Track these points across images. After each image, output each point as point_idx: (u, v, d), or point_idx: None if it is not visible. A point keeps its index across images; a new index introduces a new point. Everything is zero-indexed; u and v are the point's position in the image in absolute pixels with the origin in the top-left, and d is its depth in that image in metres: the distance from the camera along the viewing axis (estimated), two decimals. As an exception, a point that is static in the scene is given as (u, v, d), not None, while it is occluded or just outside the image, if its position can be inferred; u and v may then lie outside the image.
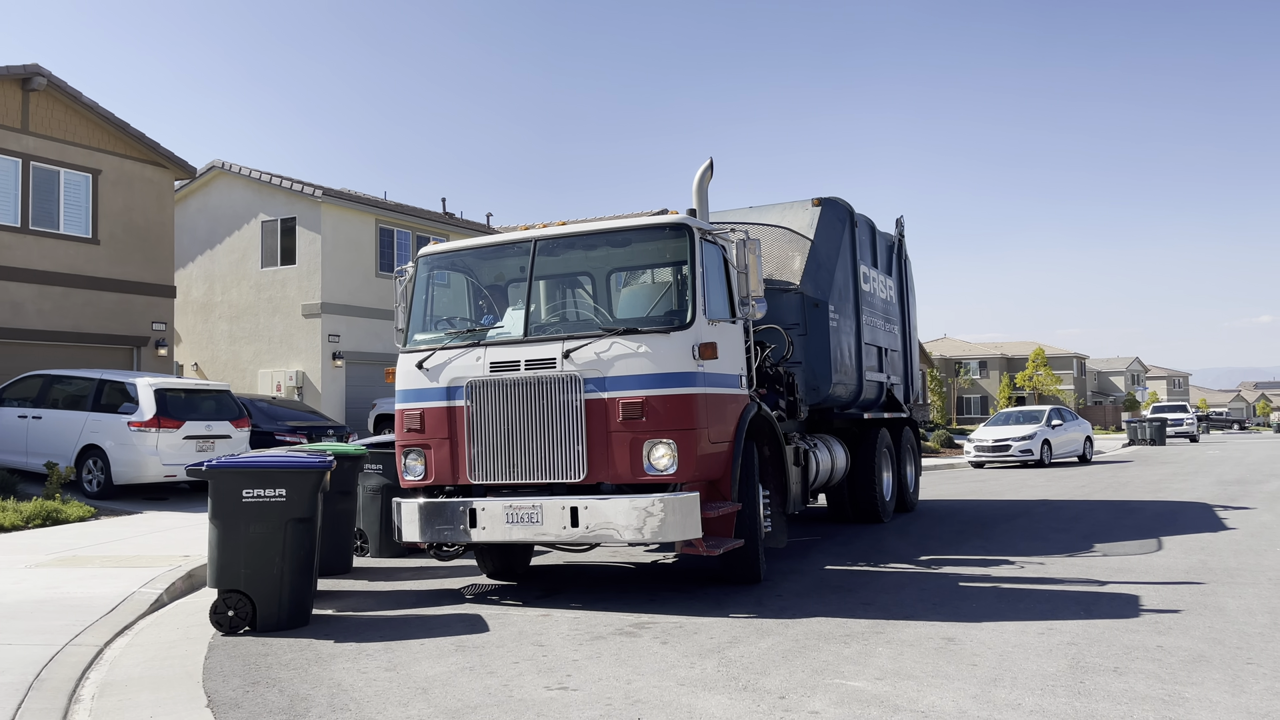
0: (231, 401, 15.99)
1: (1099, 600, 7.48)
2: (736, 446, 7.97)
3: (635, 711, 4.94)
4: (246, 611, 6.93)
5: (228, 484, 6.96)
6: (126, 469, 14.57)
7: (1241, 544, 10.23)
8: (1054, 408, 27.78)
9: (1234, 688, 5.12)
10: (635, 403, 7.42)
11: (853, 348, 12.07)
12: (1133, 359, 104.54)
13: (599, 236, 8.38)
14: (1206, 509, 13.91)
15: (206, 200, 26.68)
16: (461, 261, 8.82)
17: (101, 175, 19.79)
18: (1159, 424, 40.04)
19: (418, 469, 8.09)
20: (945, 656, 5.85)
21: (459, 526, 7.76)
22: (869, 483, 12.49)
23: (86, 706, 5.35)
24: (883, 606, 7.41)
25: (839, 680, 5.40)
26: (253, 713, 5.10)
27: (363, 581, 9.13)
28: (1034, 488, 18.65)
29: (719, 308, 8.12)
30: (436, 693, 5.37)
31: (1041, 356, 72.21)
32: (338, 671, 5.87)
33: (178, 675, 5.88)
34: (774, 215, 12.05)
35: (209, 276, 26.52)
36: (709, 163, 9.26)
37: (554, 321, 8.32)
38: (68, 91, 19.08)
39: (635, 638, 6.55)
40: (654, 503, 7.21)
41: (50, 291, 18.77)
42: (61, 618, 7.07)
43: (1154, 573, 8.64)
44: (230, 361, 25.93)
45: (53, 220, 19.04)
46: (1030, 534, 11.55)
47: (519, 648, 6.35)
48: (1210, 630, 6.39)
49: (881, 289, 13.64)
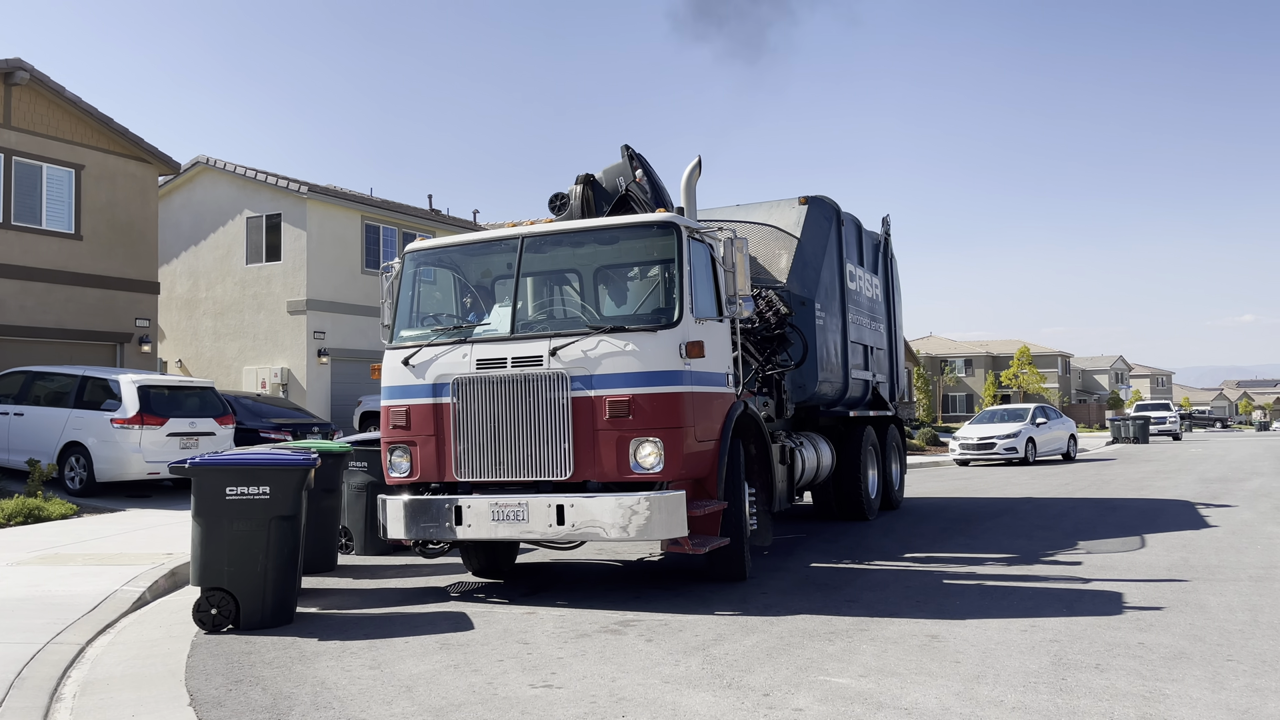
0: (216, 398, 15.90)
1: (1081, 598, 7.53)
2: (723, 445, 7.97)
3: (620, 709, 4.94)
4: (230, 609, 6.90)
5: (211, 481, 6.93)
6: (109, 466, 14.48)
7: (1223, 542, 10.31)
8: (1039, 406, 27.91)
9: (1214, 684, 5.16)
10: (622, 401, 7.42)
11: (839, 346, 12.10)
12: (1117, 357, 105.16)
13: (586, 234, 8.37)
14: (1189, 507, 14.00)
15: (191, 196, 26.53)
16: (448, 258, 8.79)
17: (85, 170, 19.66)
18: (1142, 422, 40.29)
19: (403, 466, 8.07)
20: (929, 654, 5.88)
21: (444, 524, 7.74)
22: (854, 480, 12.52)
23: (68, 705, 5.32)
24: (867, 604, 7.43)
25: (823, 677, 5.42)
26: (235, 711, 5.08)
27: (347, 579, 9.10)
28: (1018, 485, 18.74)
29: (706, 306, 8.12)
30: (421, 691, 5.36)
31: (1026, 355, 72.54)
32: (321, 670, 5.85)
33: (160, 674, 5.85)
34: (761, 214, 12.07)
35: (193, 273, 26.37)
36: (697, 161, 9.27)
37: (541, 319, 8.31)
38: (50, 86, 18.94)
39: (620, 635, 6.55)
40: (640, 501, 7.22)
41: (33, 287, 18.64)
42: (43, 616, 7.02)
43: (1136, 570, 8.70)
44: (215, 358, 25.80)
45: (35, 216, 18.90)
46: (1014, 532, 11.61)
47: (504, 646, 6.35)
48: (1191, 627, 6.44)
49: (867, 287, 13.67)
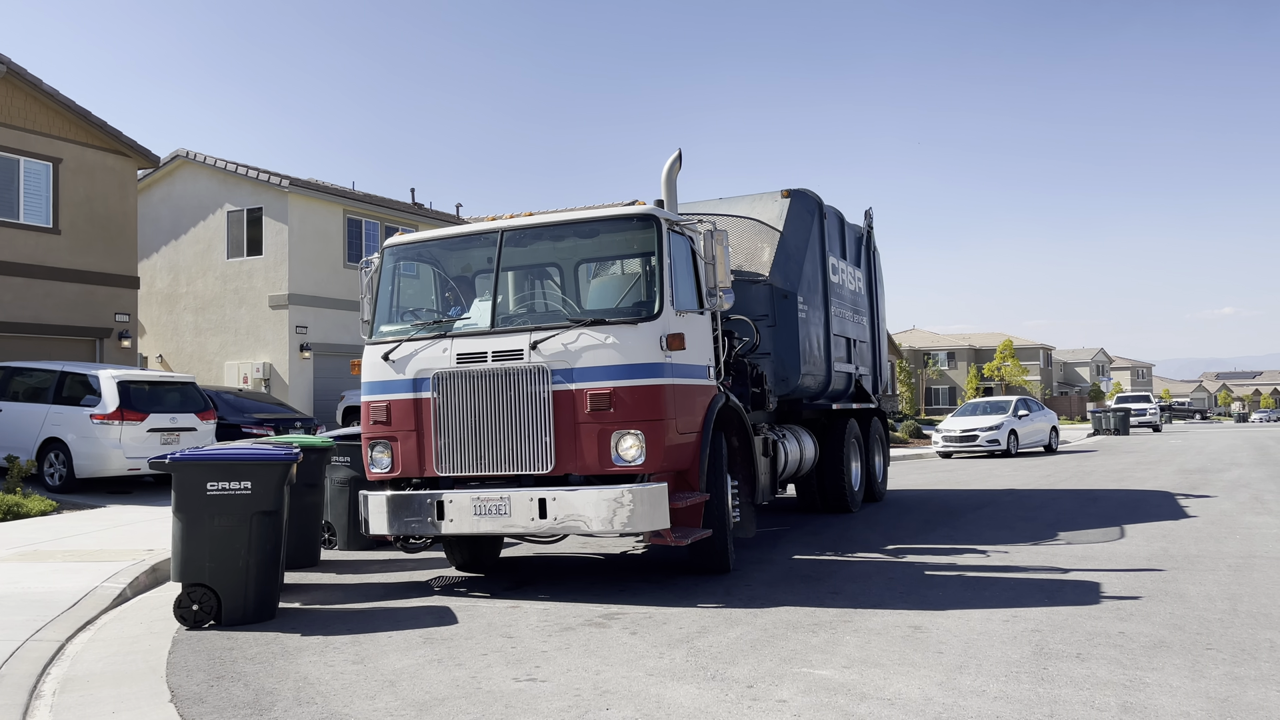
0: (197, 394, 15.79)
1: (1063, 588, 7.58)
2: (704, 437, 7.97)
3: (604, 702, 4.94)
4: (211, 605, 6.86)
5: (192, 477, 6.88)
6: (89, 462, 14.37)
7: (1202, 531, 10.40)
8: (1020, 398, 28.07)
9: (1194, 673, 5.20)
10: (603, 394, 7.41)
11: (821, 339, 12.12)
12: (1098, 350, 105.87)
13: (566, 227, 8.34)
14: (1168, 497, 14.11)
15: (170, 190, 26.31)
16: (428, 252, 8.75)
17: (62, 164, 19.46)
18: (1123, 414, 40.62)
19: (384, 461, 8.03)
20: (912, 644, 5.90)
21: (426, 519, 7.72)
22: (837, 473, 12.56)
23: (48, 703, 5.27)
24: (851, 595, 7.46)
25: (806, 669, 5.43)
26: (217, 707, 5.05)
27: (330, 574, 9.07)
28: (1000, 477, 18.84)
29: (687, 299, 8.12)
30: (404, 685, 5.34)
31: (1009, 348, 72.91)
32: (304, 665, 5.82)
33: (141, 670, 5.81)
34: (743, 206, 12.07)
35: (173, 267, 26.17)
36: (678, 154, 9.25)
37: (521, 312, 8.28)
38: (27, 79, 18.73)
39: (604, 629, 6.55)
40: (622, 494, 7.21)
41: (10, 282, 18.46)
42: (22, 613, 6.96)
43: (1116, 560, 8.76)
44: (196, 353, 25.62)
45: (12, 210, 18.71)
46: (996, 523, 11.67)
47: (487, 639, 6.34)
48: (1171, 616, 6.49)
49: (850, 280, 13.70)
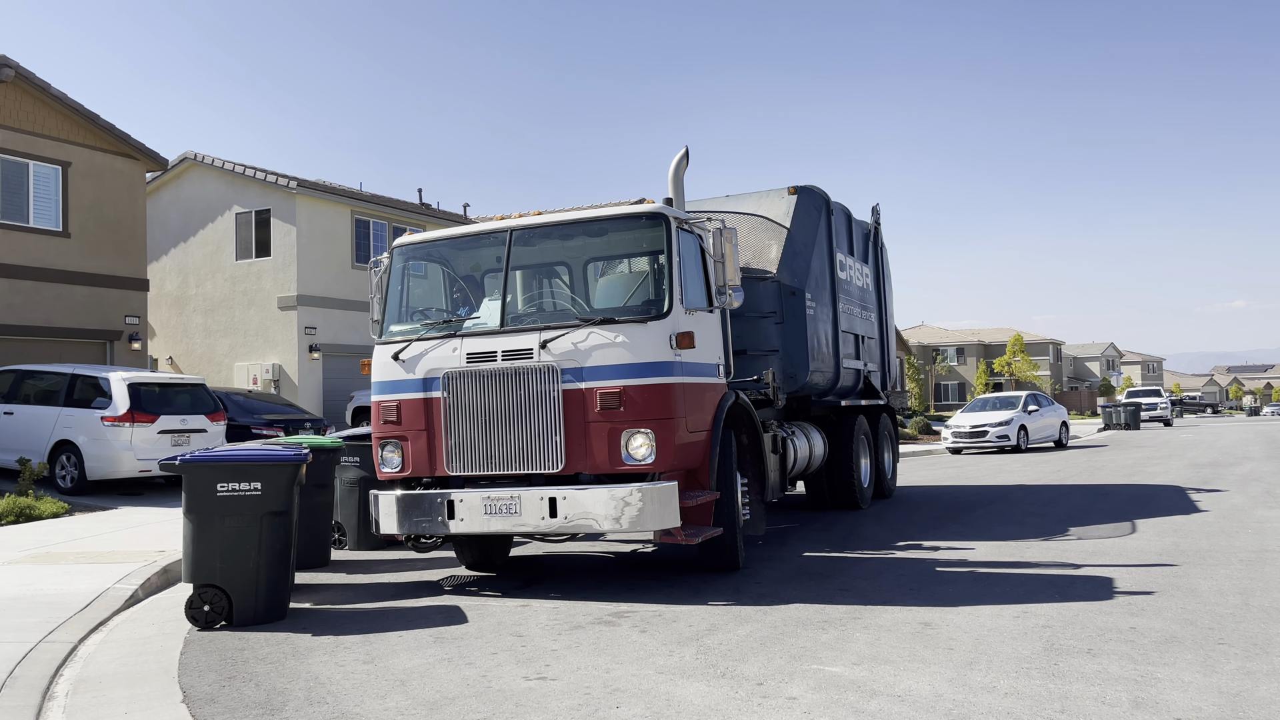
0: (207, 395, 15.85)
1: (1074, 583, 7.56)
2: (714, 435, 7.97)
3: (614, 700, 4.94)
4: (222, 606, 6.89)
5: (202, 478, 6.91)
6: (100, 464, 14.44)
7: (1213, 526, 10.36)
8: (1030, 394, 27.99)
9: (1206, 668, 5.18)
10: (613, 393, 7.41)
11: (830, 335, 12.10)
12: (1108, 344, 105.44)
13: (575, 226, 8.34)
14: (1179, 492, 14.06)
15: (179, 192, 26.41)
16: (437, 252, 8.77)
17: (71, 167, 19.55)
18: (1134, 409, 40.47)
19: (394, 461, 8.05)
20: (922, 641, 5.89)
21: (437, 518, 7.73)
22: (847, 470, 12.54)
23: (60, 704, 5.30)
24: (860, 592, 7.45)
25: (817, 666, 5.43)
26: (229, 707, 5.07)
27: (340, 574, 9.09)
28: (1010, 473, 18.80)
29: (696, 297, 8.11)
30: (415, 684, 5.35)
31: (1019, 343, 72.68)
32: (315, 665, 5.84)
33: (153, 671, 5.83)
34: (750, 204, 12.06)
35: (183, 269, 26.27)
36: (684, 151, 9.24)
37: (530, 312, 8.29)
38: (36, 83, 18.81)
39: (614, 627, 6.56)
40: (632, 492, 7.21)
41: (20, 285, 18.55)
42: (35, 615, 7.00)
43: (1128, 555, 8.73)
44: (205, 355, 25.72)
45: (22, 213, 18.79)
46: (1006, 519, 11.65)
47: (497, 638, 6.35)
48: (1182, 611, 6.47)
49: (858, 277, 13.67)
